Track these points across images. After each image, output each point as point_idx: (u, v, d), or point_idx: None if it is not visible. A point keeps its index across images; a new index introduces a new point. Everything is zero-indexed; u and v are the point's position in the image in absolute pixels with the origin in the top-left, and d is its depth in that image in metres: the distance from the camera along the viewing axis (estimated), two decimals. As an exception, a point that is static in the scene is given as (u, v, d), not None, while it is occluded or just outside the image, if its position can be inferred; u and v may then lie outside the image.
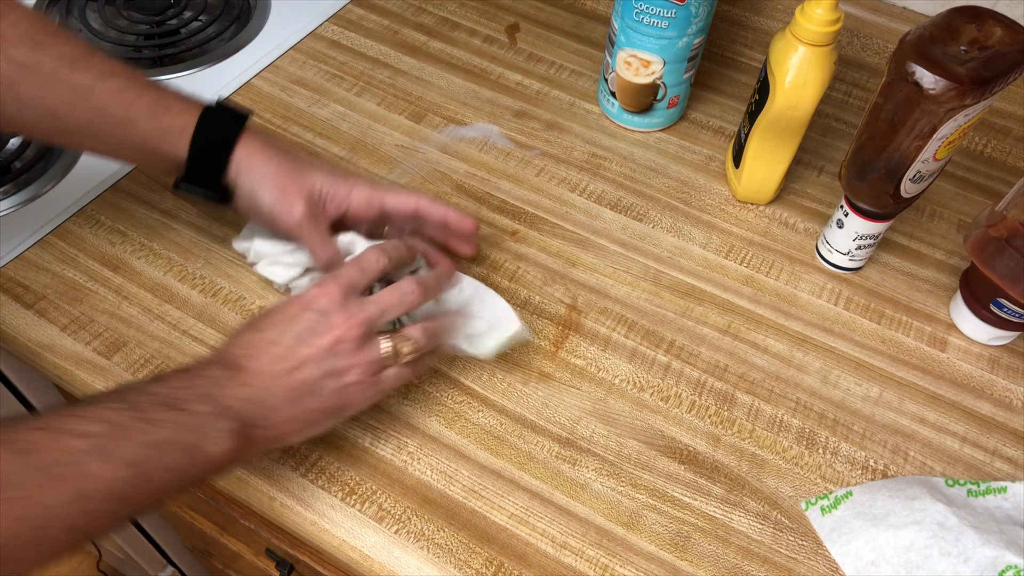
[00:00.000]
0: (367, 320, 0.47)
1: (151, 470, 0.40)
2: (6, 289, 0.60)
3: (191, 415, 0.41)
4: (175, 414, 0.41)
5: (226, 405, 0.43)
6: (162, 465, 0.40)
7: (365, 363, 0.47)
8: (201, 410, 0.42)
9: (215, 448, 0.42)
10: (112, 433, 0.39)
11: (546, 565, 0.49)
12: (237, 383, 0.44)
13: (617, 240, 0.66)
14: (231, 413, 0.43)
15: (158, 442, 0.40)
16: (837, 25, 0.57)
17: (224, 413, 0.43)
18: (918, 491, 0.51)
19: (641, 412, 0.56)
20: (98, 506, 0.38)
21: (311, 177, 0.54)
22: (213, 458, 0.42)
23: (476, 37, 0.83)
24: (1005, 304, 0.58)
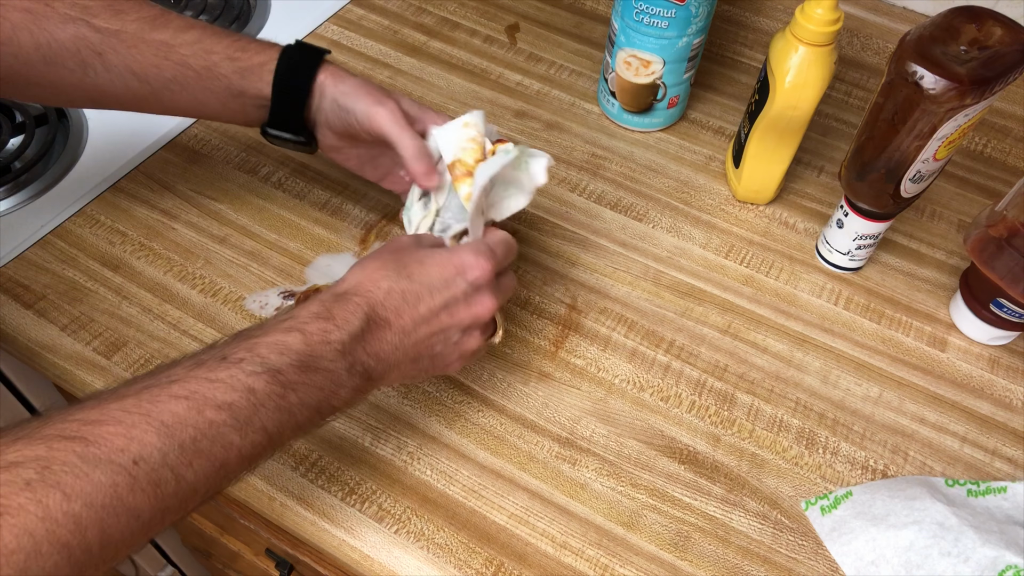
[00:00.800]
0: (500, 302, 0.49)
1: (284, 430, 0.41)
2: (6, 289, 0.60)
3: (325, 373, 0.42)
4: (310, 375, 0.41)
5: (358, 359, 0.43)
6: (293, 423, 0.41)
7: (478, 346, 0.49)
8: (334, 367, 0.42)
9: (338, 402, 0.43)
10: (252, 402, 0.38)
11: (546, 565, 0.49)
12: (376, 339, 0.44)
13: (617, 240, 0.66)
14: (359, 368, 0.43)
15: (293, 405, 0.40)
16: (837, 25, 0.57)
17: (354, 368, 0.43)
18: (918, 491, 0.51)
19: (641, 412, 0.56)
20: (233, 471, 0.39)
21: (395, 95, 0.55)
22: (333, 409, 0.43)
23: (476, 37, 0.83)
24: (1005, 304, 0.58)
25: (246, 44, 0.54)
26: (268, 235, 0.65)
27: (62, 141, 0.71)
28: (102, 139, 0.71)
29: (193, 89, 0.53)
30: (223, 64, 0.53)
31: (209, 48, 0.53)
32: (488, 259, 0.47)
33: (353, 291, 0.44)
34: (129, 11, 0.52)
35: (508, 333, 0.59)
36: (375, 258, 0.47)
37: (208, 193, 0.68)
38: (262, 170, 0.70)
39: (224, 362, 0.39)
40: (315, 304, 0.43)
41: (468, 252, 0.47)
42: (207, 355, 0.39)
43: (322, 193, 0.68)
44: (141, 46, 0.51)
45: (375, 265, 0.46)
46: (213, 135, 0.72)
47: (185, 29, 0.53)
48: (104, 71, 0.51)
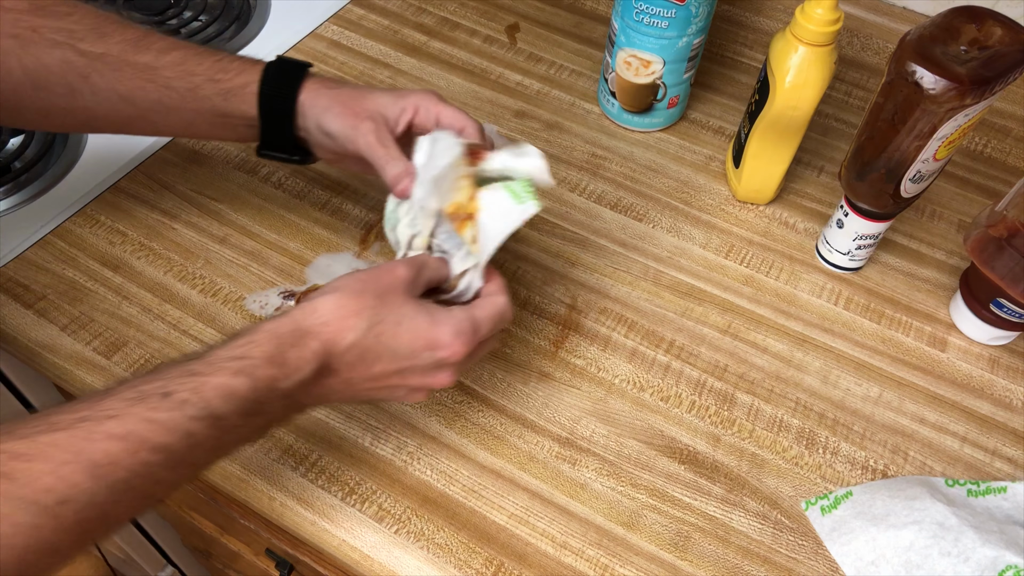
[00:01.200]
0: (468, 363, 0.47)
1: (212, 462, 0.41)
2: (6, 289, 0.60)
3: (265, 416, 0.42)
4: (252, 418, 0.41)
5: (297, 401, 0.43)
6: (223, 455, 0.41)
7: (425, 398, 0.49)
8: (274, 409, 0.42)
9: (265, 433, 0.44)
10: (189, 444, 0.38)
11: (546, 565, 0.49)
12: (321, 386, 0.43)
13: (617, 240, 0.66)
14: (296, 406, 0.44)
15: (227, 444, 0.41)
16: (837, 25, 0.57)
17: (291, 407, 0.43)
18: (918, 491, 0.51)
19: (641, 412, 0.56)
20: (159, 500, 0.39)
21: (374, 99, 0.53)
22: (260, 438, 0.44)
23: (476, 37, 0.83)
24: (1005, 304, 0.58)
25: (227, 64, 0.53)
26: (268, 235, 0.65)
27: (62, 141, 0.71)
28: (102, 139, 0.71)
29: (180, 111, 0.53)
30: (205, 86, 0.53)
31: (191, 70, 0.52)
32: (466, 342, 0.45)
33: (315, 332, 0.42)
34: (113, 34, 0.52)
35: (508, 333, 0.59)
36: (356, 296, 0.44)
37: (208, 193, 0.68)
38: (262, 170, 0.70)
39: (166, 400, 0.38)
40: (270, 342, 0.41)
41: (448, 330, 0.44)
42: (149, 386, 0.38)
43: (322, 193, 0.68)
44: (125, 68, 0.51)
45: (352, 307, 0.43)
46: (213, 135, 0.72)
47: (167, 50, 0.52)
48: (91, 94, 0.51)
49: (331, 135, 0.53)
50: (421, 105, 0.53)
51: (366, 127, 0.51)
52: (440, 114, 0.53)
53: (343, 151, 0.53)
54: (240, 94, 0.53)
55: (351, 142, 0.52)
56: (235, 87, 0.53)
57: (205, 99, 0.53)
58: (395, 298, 0.45)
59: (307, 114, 0.53)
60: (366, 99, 0.53)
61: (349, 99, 0.53)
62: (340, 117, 0.52)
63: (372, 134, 0.51)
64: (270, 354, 0.41)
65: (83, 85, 0.51)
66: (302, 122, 0.54)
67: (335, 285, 0.44)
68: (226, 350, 0.41)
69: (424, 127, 0.53)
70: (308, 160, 0.57)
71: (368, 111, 0.52)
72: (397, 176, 0.51)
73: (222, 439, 0.40)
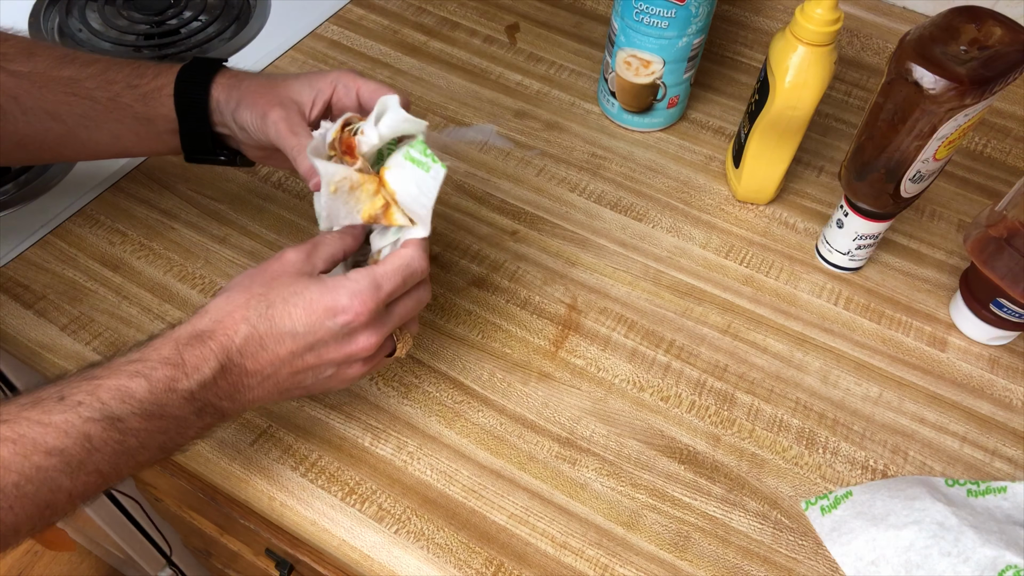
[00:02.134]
0: (385, 335, 0.46)
1: (121, 470, 0.40)
2: (6, 289, 0.60)
3: (170, 419, 0.41)
4: (154, 421, 0.40)
5: (209, 403, 0.42)
6: (132, 463, 0.40)
7: (368, 370, 0.47)
8: (181, 413, 0.41)
9: (185, 440, 0.42)
10: (87, 448, 0.37)
11: (546, 565, 0.49)
12: (229, 383, 0.43)
13: (617, 240, 0.66)
14: (210, 409, 0.42)
15: (132, 449, 0.39)
16: (837, 25, 0.57)
17: (204, 411, 0.42)
18: (918, 491, 0.51)
19: (641, 412, 0.56)
20: (62, 509, 0.38)
21: (285, 86, 0.51)
22: (180, 447, 0.43)
23: (476, 37, 0.83)
24: (1005, 304, 0.58)
25: (144, 70, 0.53)
26: (268, 235, 0.65)
27: (62, 141, 0.71)
28: (102, 139, 0.71)
29: (104, 122, 0.53)
30: (124, 93, 0.52)
31: (111, 78, 0.52)
32: (365, 301, 0.43)
33: (210, 333, 0.42)
34: (40, 53, 0.52)
35: (507, 333, 0.59)
36: (245, 288, 0.44)
37: (208, 193, 0.68)
38: (262, 170, 0.70)
39: (61, 403, 0.37)
40: (168, 345, 0.41)
41: (343, 292, 0.43)
42: (46, 392, 0.38)
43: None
44: (51, 84, 0.52)
45: (239, 300, 0.43)
46: (213, 135, 0.72)
47: (90, 63, 0.53)
48: (22, 115, 0.51)
49: (244, 128, 0.51)
50: (339, 82, 0.51)
51: (275, 115, 0.49)
52: (360, 89, 0.51)
53: (260, 144, 0.52)
54: (157, 96, 0.53)
55: (262, 133, 0.50)
56: (152, 90, 0.53)
57: (126, 107, 0.52)
58: (284, 280, 0.44)
59: (223, 110, 0.52)
60: (277, 87, 0.51)
61: (260, 89, 0.51)
62: (250, 108, 0.51)
63: (282, 122, 0.49)
64: (167, 356, 0.41)
65: (13, 106, 0.51)
66: (220, 119, 0.53)
67: (227, 286, 0.45)
68: (126, 356, 0.41)
69: (345, 105, 0.52)
70: (238, 161, 0.56)
71: (278, 98, 0.50)
72: (309, 170, 0.48)
73: (125, 443, 0.39)
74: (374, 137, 0.46)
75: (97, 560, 1.37)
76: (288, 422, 0.55)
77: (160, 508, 0.86)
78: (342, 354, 0.45)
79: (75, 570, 1.36)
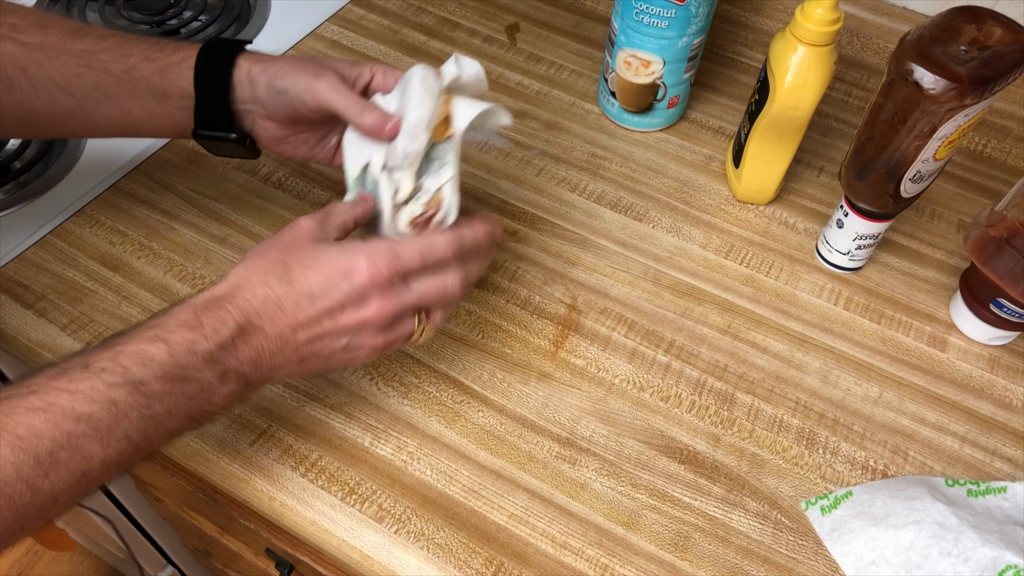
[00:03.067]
0: (401, 309, 0.46)
1: (151, 437, 0.40)
2: (6, 289, 0.60)
3: (193, 383, 0.41)
4: (177, 384, 0.40)
5: (231, 368, 0.42)
6: (162, 431, 0.41)
7: (383, 345, 0.47)
8: (203, 376, 0.41)
9: (213, 407, 0.43)
10: (114, 413, 0.38)
11: (546, 565, 0.49)
12: (249, 347, 0.43)
13: (617, 240, 0.66)
14: (233, 375, 0.43)
15: (158, 414, 0.40)
16: (837, 25, 0.57)
17: (227, 376, 0.42)
18: (918, 491, 0.51)
19: (641, 412, 0.56)
20: (97, 477, 0.39)
21: (328, 61, 0.52)
22: (209, 414, 0.43)
23: (476, 37, 0.83)
24: (1005, 304, 0.58)
25: (164, 44, 0.53)
26: (268, 235, 0.65)
27: (62, 141, 0.71)
28: (102, 139, 0.71)
29: (117, 96, 0.52)
30: (142, 65, 0.52)
31: (128, 52, 0.52)
32: (382, 264, 0.44)
33: (228, 297, 0.43)
34: (53, 26, 0.51)
35: (507, 334, 0.59)
36: (262, 255, 0.45)
37: (208, 193, 0.68)
38: (262, 170, 0.70)
39: (86, 371, 0.38)
40: (185, 310, 0.42)
41: (361, 255, 0.44)
42: (71, 362, 0.39)
43: (322, 193, 0.68)
44: (63, 56, 0.51)
45: (259, 266, 0.44)
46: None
47: (105, 37, 0.52)
48: (29, 87, 0.51)
49: (285, 91, 0.51)
50: (378, 70, 0.52)
51: (329, 77, 0.50)
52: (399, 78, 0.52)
53: (298, 112, 0.51)
54: (177, 69, 0.52)
55: (313, 95, 0.50)
56: (171, 63, 0.52)
57: (141, 79, 0.52)
58: (300, 245, 0.45)
59: (257, 79, 0.51)
60: (320, 62, 0.52)
61: (301, 61, 0.52)
62: (294, 75, 0.50)
63: (339, 81, 0.50)
64: (185, 320, 0.42)
65: (20, 77, 0.50)
66: (249, 92, 0.52)
67: (244, 256, 0.46)
68: (147, 323, 0.42)
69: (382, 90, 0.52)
70: (250, 146, 0.55)
71: (326, 67, 0.51)
72: (377, 120, 0.49)
73: (151, 407, 0.39)
74: (453, 68, 0.51)
75: (97, 560, 1.37)
76: (288, 422, 0.55)
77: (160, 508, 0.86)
78: (356, 319, 0.45)
79: (75, 570, 1.36)
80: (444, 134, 0.51)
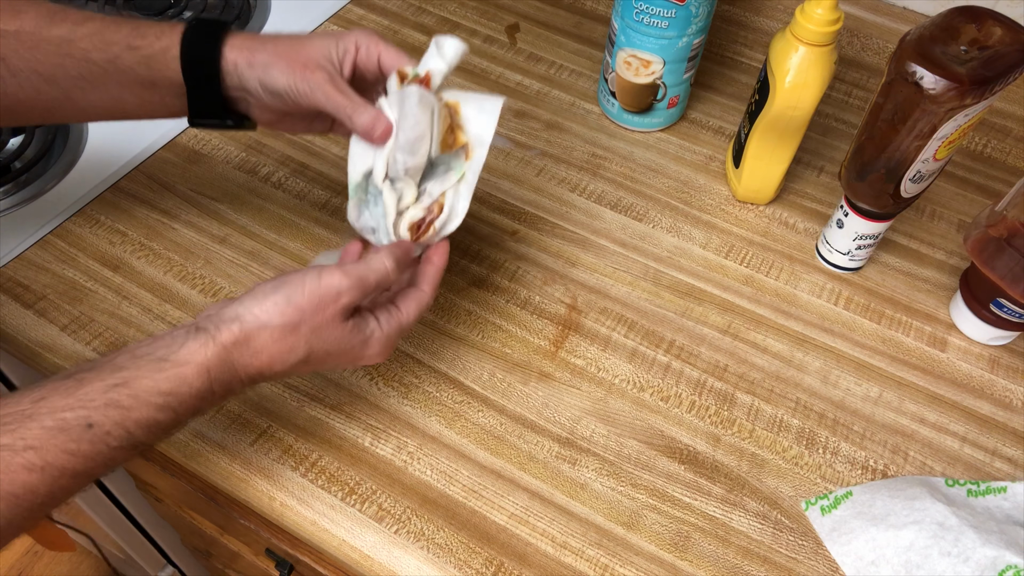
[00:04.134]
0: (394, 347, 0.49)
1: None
2: (6, 289, 0.60)
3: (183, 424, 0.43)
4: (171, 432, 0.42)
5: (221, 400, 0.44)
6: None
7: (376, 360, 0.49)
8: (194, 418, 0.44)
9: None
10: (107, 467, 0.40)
11: (546, 565, 0.49)
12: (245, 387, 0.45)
13: (617, 240, 0.66)
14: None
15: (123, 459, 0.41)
16: (837, 25, 0.57)
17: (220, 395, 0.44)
18: (918, 491, 0.51)
19: (641, 412, 0.56)
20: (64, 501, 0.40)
21: (314, 47, 0.50)
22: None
23: (476, 37, 0.83)
24: (1005, 304, 0.58)
25: (145, 30, 0.51)
26: (268, 235, 0.65)
27: (62, 141, 0.71)
28: (102, 139, 0.71)
29: (104, 85, 0.51)
30: (125, 55, 0.50)
31: (109, 39, 0.50)
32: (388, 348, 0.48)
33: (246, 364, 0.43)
34: (27, 10, 0.49)
35: (508, 333, 0.59)
36: (293, 333, 0.43)
37: (208, 193, 0.68)
38: (262, 170, 0.70)
39: (89, 431, 0.38)
40: (200, 379, 0.41)
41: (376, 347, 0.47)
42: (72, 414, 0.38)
43: (322, 193, 0.68)
44: (42, 45, 0.49)
45: (287, 344, 0.44)
46: (213, 135, 0.72)
47: (83, 22, 0.50)
48: (11, 77, 0.50)
49: (278, 93, 0.50)
50: (361, 43, 0.51)
51: (319, 78, 0.49)
52: (381, 55, 0.51)
53: (290, 109, 0.51)
54: (162, 59, 0.50)
55: (305, 97, 0.49)
56: (155, 52, 0.50)
57: (127, 70, 0.50)
58: (330, 330, 0.45)
59: (245, 74, 0.50)
60: (306, 48, 0.50)
61: (289, 51, 0.50)
62: (287, 72, 0.49)
63: (329, 84, 0.49)
64: (200, 391, 0.42)
65: (1, 67, 0.49)
66: (239, 82, 0.51)
67: (271, 313, 0.43)
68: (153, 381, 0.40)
69: (366, 67, 0.51)
70: (244, 124, 0.54)
71: (314, 60, 0.49)
72: (369, 122, 0.48)
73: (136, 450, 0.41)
74: (442, 64, 0.49)
75: (97, 560, 1.37)
76: (288, 422, 0.55)
77: (160, 508, 0.86)
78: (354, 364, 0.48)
79: (75, 570, 1.36)
80: (455, 144, 0.51)
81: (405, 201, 0.50)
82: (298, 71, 0.49)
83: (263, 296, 0.43)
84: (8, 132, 0.71)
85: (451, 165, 0.51)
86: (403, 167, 0.49)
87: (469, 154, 0.51)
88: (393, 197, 0.49)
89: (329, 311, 0.44)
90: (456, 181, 0.50)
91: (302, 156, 0.71)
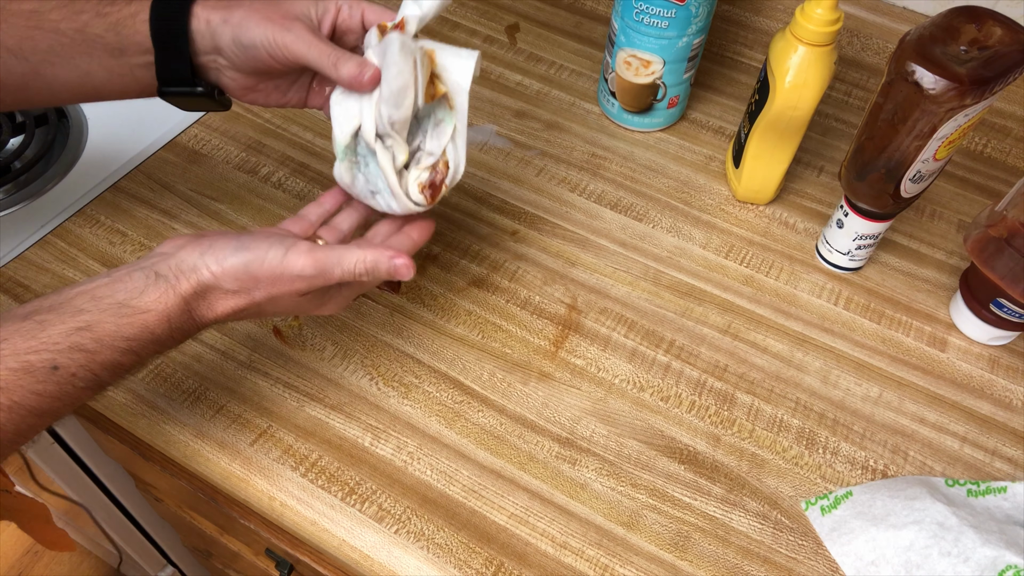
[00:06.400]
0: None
1: None
2: (6, 289, 0.60)
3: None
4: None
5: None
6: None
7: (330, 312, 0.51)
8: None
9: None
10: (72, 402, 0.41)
11: (546, 565, 0.49)
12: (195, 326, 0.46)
13: (617, 240, 0.66)
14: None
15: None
16: (837, 25, 0.57)
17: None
18: (918, 491, 0.51)
19: (641, 412, 0.56)
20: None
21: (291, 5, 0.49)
22: None
23: (476, 37, 0.83)
24: (1005, 304, 0.58)
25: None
26: (268, 235, 0.65)
27: (62, 141, 0.71)
28: (102, 139, 0.71)
29: (72, 58, 0.49)
30: (94, 23, 0.49)
31: (78, 8, 0.49)
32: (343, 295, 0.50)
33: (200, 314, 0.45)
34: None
35: (508, 334, 0.59)
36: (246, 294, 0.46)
37: (208, 193, 0.68)
38: (262, 170, 0.70)
39: (56, 373, 0.39)
40: (162, 326, 0.43)
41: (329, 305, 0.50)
42: (36, 357, 0.39)
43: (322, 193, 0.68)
44: (11, 19, 0.48)
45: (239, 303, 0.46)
46: (213, 135, 0.72)
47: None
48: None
49: (253, 46, 0.48)
50: (343, 3, 0.50)
51: (299, 28, 0.47)
52: (365, 12, 0.50)
53: (265, 68, 0.50)
54: (131, 23, 0.49)
55: (283, 48, 0.48)
56: (124, 17, 0.49)
57: (96, 38, 0.49)
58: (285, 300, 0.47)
59: (219, 31, 0.48)
60: (282, 5, 0.49)
61: (266, 7, 0.49)
62: (262, 25, 0.48)
63: (309, 33, 0.48)
64: (160, 337, 0.43)
65: None
66: (211, 42, 0.49)
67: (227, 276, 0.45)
68: (116, 326, 0.42)
69: (349, 26, 0.51)
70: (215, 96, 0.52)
71: (292, 14, 0.48)
72: (355, 68, 0.47)
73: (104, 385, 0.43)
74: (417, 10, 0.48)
75: (97, 560, 1.37)
76: (288, 422, 0.55)
77: (160, 508, 0.86)
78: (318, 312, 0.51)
79: (75, 570, 1.36)
80: (436, 93, 0.49)
81: (399, 160, 0.49)
82: (275, 25, 0.48)
83: (223, 256, 0.45)
84: (8, 132, 0.71)
85: (439, 116, 0.50)
86: (388, 120, 0.47)
87: (451, 103, 0.50)
88: (388, 156, 0.48)
89: (284, 288, 0.46)
90: (451, 133, 0.50)
91: (302, 156, 0.71)
